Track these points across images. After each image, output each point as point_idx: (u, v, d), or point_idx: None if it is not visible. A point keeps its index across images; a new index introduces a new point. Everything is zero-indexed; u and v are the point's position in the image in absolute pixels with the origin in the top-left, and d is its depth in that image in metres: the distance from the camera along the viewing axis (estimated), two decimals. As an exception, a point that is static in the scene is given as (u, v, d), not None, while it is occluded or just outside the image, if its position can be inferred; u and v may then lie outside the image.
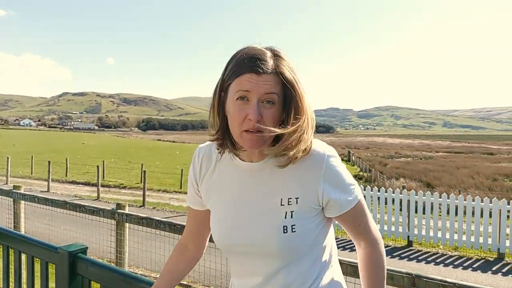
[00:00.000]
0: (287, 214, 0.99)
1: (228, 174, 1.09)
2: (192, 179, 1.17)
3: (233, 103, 0.95)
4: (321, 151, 1.01)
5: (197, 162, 1.15)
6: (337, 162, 1.02)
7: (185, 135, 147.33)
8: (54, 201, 3.66)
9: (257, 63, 0.93)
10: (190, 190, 1.20)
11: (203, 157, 1.14)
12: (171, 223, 2.80)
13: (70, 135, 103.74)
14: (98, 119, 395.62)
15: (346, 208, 1.02)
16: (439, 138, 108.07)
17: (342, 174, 1.02)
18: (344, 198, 1.01)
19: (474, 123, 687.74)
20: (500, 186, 17.06)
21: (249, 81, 0.93)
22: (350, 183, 1.03)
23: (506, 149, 46.68)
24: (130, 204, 11.98)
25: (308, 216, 1.01)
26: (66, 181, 17.00)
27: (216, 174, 1.11)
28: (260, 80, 0.92)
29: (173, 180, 17.02)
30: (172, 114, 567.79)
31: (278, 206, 1.00)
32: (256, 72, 0.92)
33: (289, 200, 1.00)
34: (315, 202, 1.00)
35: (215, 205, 1.11)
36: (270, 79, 0.92)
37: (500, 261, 6.74)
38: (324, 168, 0.99)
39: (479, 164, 26.25)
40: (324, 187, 0.99)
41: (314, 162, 0.99)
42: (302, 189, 1.00)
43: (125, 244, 3.33)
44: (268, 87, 0.92)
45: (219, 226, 1.08)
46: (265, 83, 0.92)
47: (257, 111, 0.92)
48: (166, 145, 55.60)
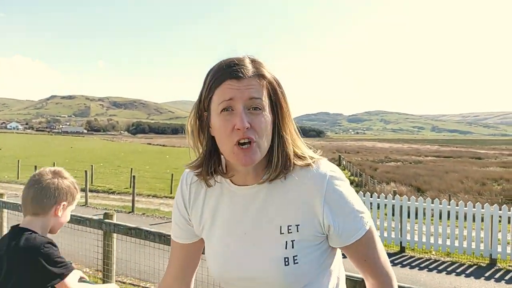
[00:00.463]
0: (287, 244, 0.89)
1: (221, 200, 0.98)
2: (181, 207, 1.04)
3: (217, 117, 0.86)
4: (323, 171, 0.89)
5: (186, 189, 1.02)
6: (342, 184, 0.89)
7: (175, 138, 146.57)
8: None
9: (236, 68, 0.85)
10: (177, 220, 1.05)
11: (191, 183, 1.02)
12: (161, 234, 2.68)
13: (58, 138, 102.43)
14: (87, 123, 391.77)
15: (350, 240, 0.89)
16: (427, 143, 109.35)
17: (347, 198, 0.89)
18: (348, 228, 0.88)
19: (461, 127, 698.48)
20: (489, 191, 17.23)
21: (230, 88, 0.84)
22: (357, 210, 0.89)
23: (493, 153, 47.39)
24: (119, 210, 11.77)
25: (311, 244, 0.90)
26: (53, 186, 16.65)
27: (208, 201, 1.00)
28: (241, 85, 0.84)
29: (163, 185, 16.80)
30: (162, 118, 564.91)
31: (277, 235, 0.90)
32: (236, 77, 0.84)
33: (289, 227, 0.89)
34: (318, 230, 0.89)
35: (209, 235, 1.00)
36: (253, 83, 0.85)
37: (493, 266, 6.74)
38: (325, 190, 0.87)
39: (468, 169, 26.53)
40: (325, 211, 0.87)
41: (315, 184, 0.88)
42: (303, 215, 0.88)
43: (112, 255, 3.20)
44: (252, 91, 0.84)
45: (215, 259, 0.98)
46: (248, 88, 0.84)
47: (245, 118, 0.83)
48: (156, 149, 55.18)
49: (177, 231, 1.06)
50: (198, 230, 1.03)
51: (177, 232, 1.06)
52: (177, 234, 1.06)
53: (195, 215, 1.02)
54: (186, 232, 1.05)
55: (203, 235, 1.02)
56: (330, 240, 0.92)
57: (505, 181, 20.09)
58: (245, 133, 0.83)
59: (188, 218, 1.03)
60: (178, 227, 1.05)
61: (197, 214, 1.01)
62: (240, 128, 0.82)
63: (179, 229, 1.05)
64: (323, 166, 0.90)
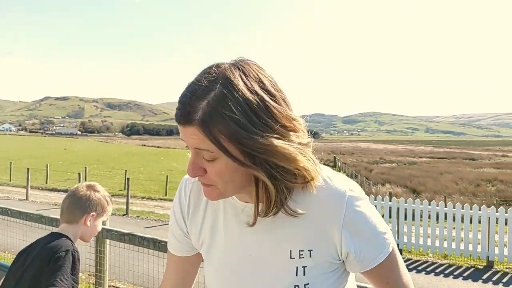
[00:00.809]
0: (298, 271, 0.78)
1: (224, 215, 0.87)
2: (179, 218, 0.94)
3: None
4: (341, 189, 0.77)
5: (184, 198, 0.93)
6: (362, 204, 0.78)
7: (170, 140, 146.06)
8: (29, 214, 3.40)
9: (179, 109, 0.71)
10: (174, 232, 0.96)
11: (191, 192, 0.92)
12: (156, 240, 2.59)
13: (52, 140, 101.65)
14: (81, 124, 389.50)
15: (371, 264, 0.79)
16: (422, 144, 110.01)
17: (369, 220, 0.78)
18: (369, 252, 0.78)
19: (455, 129, 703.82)
20: (483, 192, 17.33)
21: (180, 130, 0.72)
22: (381, 232, 0.79)
23: (487, 154, 47.75)
24: (113, 213, 11.62)
25: (325, 271, 0.79)
26: (46, 188, 16.48)
27: (209, 214, 0.89)
28: (186, 132, 0.71)
29: (158, 187, 16.69)
30: (157, 119, 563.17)
31: (287, 260, 0.79)
32: (179, 123, 0.71)
33: (301, 252, 0.78)
34: (333, 256, 0.79)
35: (209, 253, 0.90)
36: (193, 132, 0.69)
37: (490, 269, 6.71)
38: (344, 213, 0.76)
39: (462, 170, 26.70)
40: (344, 237, 0.76)
41: (331, 204, 0.76)
42: (316, 239, 0.78)
43: (105, 262, 3.09)
44: (194, 142, 0.70)
45: (215, 280, 0.88)
46: (191, 137, 0.70)
47: (193, 166, 0.74)
48: (150, 151, 54.92)
49: (174, 243, 0.97)
50: (197, 244, 0.93)
51: (174, 244, 0.97)
52: (174, 246, 0.97)
53: (194, 228, 0.92)
54: (184, 245, 0.96)
55: (201, 251, 0.93)
56: (348, 266, 0.82)
57: (499, 182, 20.22)
58: (200, 179, 0.76)
59: (186, 230, 0.94)
60: (175, 238, 0.96)
61: (196, 228, 0.91)
62: (189, 175, 0.75)
63: (176, 241, 0.96)
64: (341, 184, 0.78)
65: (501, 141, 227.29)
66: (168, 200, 14.32)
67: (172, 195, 15.01)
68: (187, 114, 0.69)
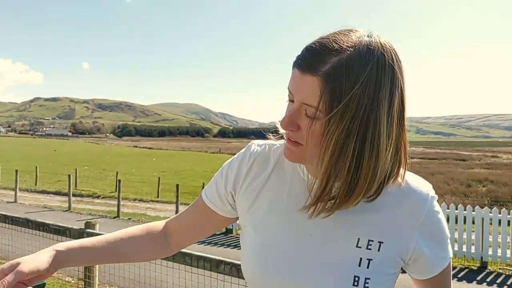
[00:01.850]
0: (362, 261, 0.71)
1: (289, 189, 0.79)
2: (230, 175, 0.85)
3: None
4: (425, 189, 0.75)
5: (246, 162, 0.84)
6: (438, 207, 0.76)
7: (162, 141, 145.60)
8: (15, 218, 3.28)
9: (306, 55, 0.66)
10: (218, 183, 0.87)
11: (256, 158, 0.83)
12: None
13: (42, 141, 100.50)
14: (72, 125, 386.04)
15: (438, 269, 0.76)
16: (413, 145, 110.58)
17: (443, 224, 0.76)
18: (439, 256, 0.76)
19: (445, 129, 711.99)
20: (474, 192, 17.49)
21: (293, 78, 0.68)
22: (447, 236, 0.77)
23: (477, 155, 48.22)
24: (104, 215, 11.46)
25: (388, 271, 0.73)
26: (35, 190, 16.22)
27: (270, 185, 0.81)
28: (301, 81, 0.66)
29: (149, 189, 16.51)
30: (149, 120, 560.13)
31: (352, 248, 0.72)
32: (299, 68, 0.66)
33: (370, 243, 0.71)
34: (402, 255, 0.73)
35: (260, 224, 0.80)
36: (312, 84, 0.64)
37: (484, 269, 6.71)
38: (425, 215, 0.73)
39: (453, 170, 26.90)
40: (418, 239, 0.73)
41: (413, 204, 0.73)
42: (390, 233, 0.72)
43: (95, 267, 2.98)
44: (305, 95, 0.65)
45: (260, 254, 0.77)
46: (304, 88, 0.65)
47: (289, 118, 0.68)
48: (142, 152, 54.52)
49: (212, 193, 0.88)
50: (244, 214, 0.83)
51: (211, 195, 0.88)
52: (210, 196, 0.88)
53: (247, 195, 0.82)
54: (220, 201, 0.87)
55: (248, 222, 0.82)
56: (414, 270, 0.77)
57: (490, 183, 20.41)
58: (288, 134, 0.71)
59: (232, 197, 0.85)
60: (215, 190, 0.87)
61: (251, 196, 0.82)
62: (281, 125, 0.71)
63: (215, 193, 0.87)
64: (424, 184, 0.76)
65: (491, 141, 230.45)
66: (160, 202, 14.17)
67: (164, 197, 14.86)
68: (313, 62, 0.64)
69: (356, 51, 0.64)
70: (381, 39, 0.67)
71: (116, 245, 0.85)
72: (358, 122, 0.63)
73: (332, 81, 0.62)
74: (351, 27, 0.69)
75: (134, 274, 4.50)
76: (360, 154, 0.65)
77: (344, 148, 0.64)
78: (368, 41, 0.65)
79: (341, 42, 0.65)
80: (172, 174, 23.90)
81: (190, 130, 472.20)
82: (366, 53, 0.64)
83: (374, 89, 0.63)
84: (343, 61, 0.63)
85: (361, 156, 0.65)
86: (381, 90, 0.64)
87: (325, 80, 0.63)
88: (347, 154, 0.64)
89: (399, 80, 0.67)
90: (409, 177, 0.75)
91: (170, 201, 13.65)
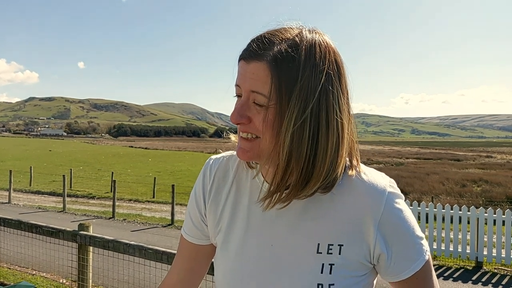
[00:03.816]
0: (324, 268, 0.69)
1: (248, 200, 0.78)
2: (199, 198, 0.85)
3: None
4: (381, 185, 0.70)
5: (208, 178, 0.84)
6: (401, 202, 0.71)
7: (158, 141, 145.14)
8: (7, 220, 3.24)
9: (251, 45, 0.66)
10: (191, 214, 0.87)
11: (216, 172, 0.83)
12: (142, 247, 2.47)
13: (37, 141, 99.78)
14: (67, 125, 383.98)
15: (405, 273, 0.71)
16: (408, 145, 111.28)
17: (409, 221, 0.70)
18: (405, 258, 0.70)
19: (440, 130, 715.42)
20: (469, 192, 17.55)
21: (239, 71, 0.68)
22: (418, 235, 0.71)
23: (471, 155, 48.47)
24: (99, 215, 11.38)
25: (353, 274, 0.70)
26: (30, 191, 16.08)
27: (232, 197, 0.80)
28: (247, 70, 0.66)
29: (145, 189, 16.42)
30: (144, 120, 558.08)
31: (313, 254, 0.70)
32: (244, 59, 0.66)
33: (330, 247, 0.69)
34: (366, 257, 0.70)
35: (226, 241, 0.80)
36: (258, 70, 0.64)
37: (479, 269, 6.72)
38: (382, 211, 0.68)
39: (448, 170, 27.02)
40: (379, 237, 0.68)
41: (370, 201, 0.69)
42: (349, 234, 0.69)
43: (88, 270, 2.95)
44: (253, 82, 0.65)
45: (229, 272, 0.77)
46: (251, 76, 0.65)
47: (239, 111, 0.67)
48: (138, 152, 54.24)
49: (190, 227, 0.87)
50: (213, 232, 0.83)
51: (190, 229, 0.87)
52: (189, 232, 0.87)
53: (213, 212, 0.82)
54: (200, 230, 0.86)
55: (217, 239, 0.82)
56: (380, 272, 0.73)
57: (485, 183, 20.52)
58: (241, 127, 0.69)
59: (204, 213, 0.85)
60: (191, 222, 0.87)
61: (216, 212, 0.82)
62: (231, 120, 0.69)
63: (193, 226, 0.86)
64: (380, 178, 0.72)
65: (485, 142, 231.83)
66: (156, 203, 14.10)
67: (160, 198, 14.79)
68: (258, 49, 0.65)
69: (300, 38, 0.65)
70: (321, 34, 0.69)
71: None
72: (311, 105, 0.63)
73: (280, 64, 0.63)
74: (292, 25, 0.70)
75: (128, 276, 4.47)
76: (316, 138, 0.64)
77: (302, 131, 0.63)
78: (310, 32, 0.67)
79: (285, 32, 0.67)
80: (168, 174, 23.80)
81: (186, 130, 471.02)
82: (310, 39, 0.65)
83: (322, 74, 0.64)
84: (288, 46, 0.64)
85: (317, 140, 0.64)
86: (328, 76, 0.65)
87: (273, 64, 0.63)
88: (304, 137, 0.64)
89: (343, 71, 0.68)
90: (365, 172, 0.73)
91: (166, 202, 13.59)
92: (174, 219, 10.41)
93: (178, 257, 0.91)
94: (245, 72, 0.66)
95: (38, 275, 5.56)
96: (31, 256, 4.87)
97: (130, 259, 2.96)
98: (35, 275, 5.55)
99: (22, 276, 5.43)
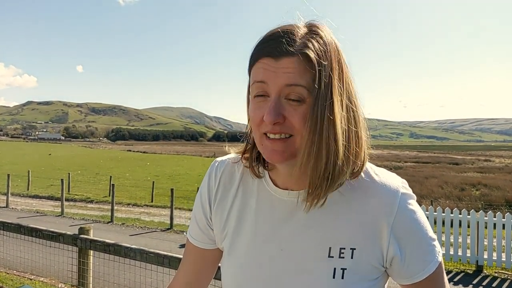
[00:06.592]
0: (336, 272, 0.68)
1: (256, 203, 0.77)
2: (204, 202, 0.83)
3: (251, 100, 0.68)
4: (393, 186, 0.69)
5: (214, 181, 0.82)
6: (414, 204, 0.70)
7: (156, 145, 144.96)
8: (6, 224, 3.21)
9: (275, 42, 0.65)
10: (197, 217, 0.86)
11: (222, 175, 0.82)
12: (143, 251, 2.45)
13: (35, 145, 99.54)
14: (65, 129, 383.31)
15: (418, 276, 0.69)
16: (406, 149, 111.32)
17: (422, 223, 0.69)
18: (418, 260, 0.69)
19: (438, 134, 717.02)
20: (468, 196, 17.56)
21: (264, 68, 0.65)
22: (431, 237, 0.70)
23: (470, 159, 48.56)
24: (97, 220, 11.32)
25: (366, 278, 0.69)
26: (28, 195, 16.01)
27: (238, 201, 0.79)
28: (278, 66, 0.64)
29: (143, 193, 16.37)
30: (143, 124, 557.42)
31: (324, 258, 0.69)
32: (272, 55, 0.64)
33: (341, 251, 0.68)
34: (378, 260, 0.69)
35: (233, 245, 0.78)
36: (293, 64, 0.63)
37: (479, 273, 6.71)
38: (396, 213, 0.67)
39: (447, 174, 27.05)
40: (392, 240, 0.67)
41: (383, 202, 0.68)
42: (361, 237, 0.68)
43: (88, 274, 2.92)
44: (290, 76, 0.63)
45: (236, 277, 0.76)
46: (285, 71, 0.64)
47: (275, 109, 0.64)
48: (136, 156, 54.12)
49: (195, 231, 0.86)
50: (219, 237, 0.82)
51: (196, 233, 0.86)
52: (195, 236, 0.86)
53: (219, 216, 0.81)
54: (206, 235, 0.85)
55: (224, 244, 0.81)
56: (392, 275, 0.72)
57: (483, 186, 20.53)
58: (274, 128, 0.65)
59: (210, 217, 0.84)
60: (197, 226, 0.86)
61: (222, 216, 0.81)
62: (267, 121, 0.65)
63: (198, 230, 0.85)
64: (393, 179, 0.71)
65: (483, 145, 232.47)
66: (154, 207, 14.05)
67: (158, 202, 14.73)
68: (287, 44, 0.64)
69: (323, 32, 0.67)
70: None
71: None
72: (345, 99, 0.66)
73: (318, 58, 0.64)
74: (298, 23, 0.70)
75: (129, 280, 4.43)
76: (347, 128, 0.66)
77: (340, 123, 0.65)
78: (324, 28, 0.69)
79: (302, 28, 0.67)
80: (167, 178, 23.74)
81: (185, 134, 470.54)
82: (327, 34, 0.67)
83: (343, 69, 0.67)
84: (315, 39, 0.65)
85: (348, 130, 0.66)
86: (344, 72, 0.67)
87: (305, 57, 0.63)
88: (343, 128, 0.65)
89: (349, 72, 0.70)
90: (376, 172, 0.71)
91: (165, 206, 13.54)
92: (173, 223, 10.36)
93: (184, 260, 0.90)
94: (275, 68, 0.64)
95: (36, 280, 5.52)
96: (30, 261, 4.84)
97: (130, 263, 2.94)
98: (33, 280, 5.51)
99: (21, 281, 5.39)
